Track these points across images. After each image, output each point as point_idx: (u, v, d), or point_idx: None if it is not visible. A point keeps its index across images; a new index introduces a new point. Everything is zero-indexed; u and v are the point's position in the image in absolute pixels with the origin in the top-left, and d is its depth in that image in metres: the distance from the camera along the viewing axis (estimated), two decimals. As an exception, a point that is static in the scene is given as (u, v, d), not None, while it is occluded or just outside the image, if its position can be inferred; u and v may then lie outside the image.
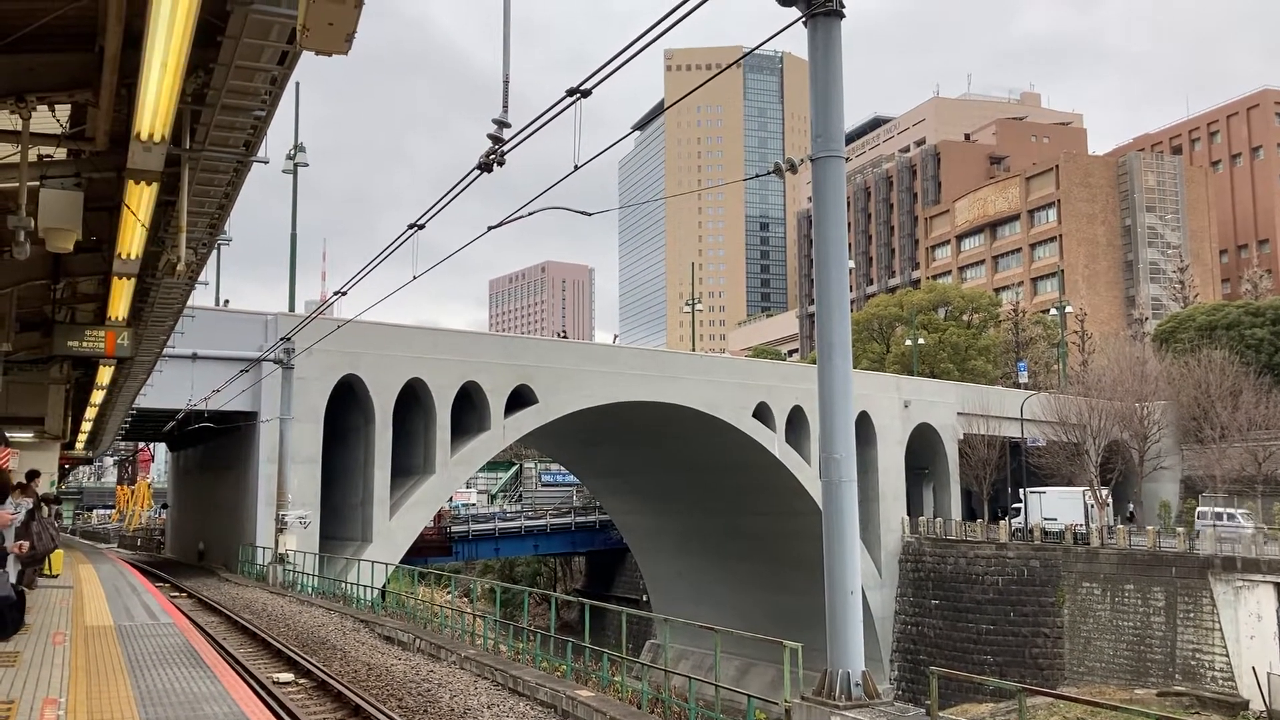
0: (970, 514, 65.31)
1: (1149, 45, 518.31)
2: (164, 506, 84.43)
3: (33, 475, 20.86)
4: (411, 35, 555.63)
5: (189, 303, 20.02)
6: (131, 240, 11.39)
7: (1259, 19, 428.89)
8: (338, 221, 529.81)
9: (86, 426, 32.56)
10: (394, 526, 41.62)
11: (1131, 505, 65.42)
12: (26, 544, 16.50)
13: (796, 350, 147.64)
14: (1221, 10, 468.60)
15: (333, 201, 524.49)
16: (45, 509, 19.55)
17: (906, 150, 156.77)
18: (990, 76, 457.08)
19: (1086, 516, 58.02)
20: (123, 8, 7.06)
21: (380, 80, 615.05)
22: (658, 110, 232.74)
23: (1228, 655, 44.69)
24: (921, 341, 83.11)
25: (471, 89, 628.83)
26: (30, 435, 27.26)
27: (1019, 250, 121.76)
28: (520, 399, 45.78)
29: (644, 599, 69.05)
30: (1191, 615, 46.61)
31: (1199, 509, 56.89)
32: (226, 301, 50.24)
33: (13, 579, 14.66)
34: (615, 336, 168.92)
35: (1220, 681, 44.70)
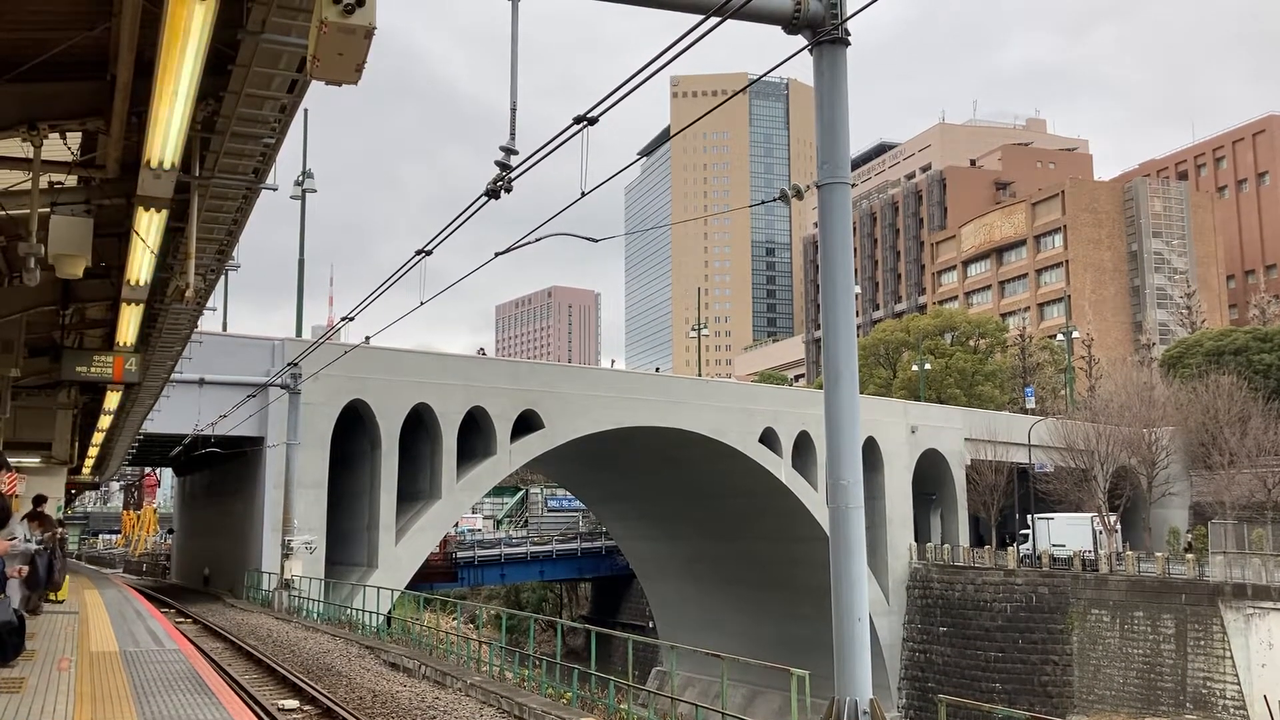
0: (978, 540, 64.98)
1: (1136, 72, 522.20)
2: (169, 532, 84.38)
3: (40, 500, 20.90)
4: (398, 64, 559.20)
5: (196, 328, 20.10)
6: (140, 266, 11.46)
7: (1244, 45, 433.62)
8: (333, 248, 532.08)
9: (93, 451, 32.65)
10: (400, 552, 41.52)
11: (1186, 536, 64.60)
12: (28, 568, 16.49)
13: (802, 375, 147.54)
14: (1207, 37, 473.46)
15: (327, 228, 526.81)
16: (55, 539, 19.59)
17: (912, 176, 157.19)
18: (987, 104, 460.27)
19: (1095, 543, 57.73)
20: (135, 37, 7.14)
21: (366, 107, 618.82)
22: (664, 137, 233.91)
23: (1239, 683, 44.32)
24: (928, 367, 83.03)
25: (458, 117, 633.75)
26: (38, 460, 27.31)
27: (1025, 276, 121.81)
28: (526, 424, 45.76)
29: (650, 625, 68.74)
30: (1202, 643, 46.28)
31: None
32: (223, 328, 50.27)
33: (15, 604, 14.64)
34: (613, 361, 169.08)
35: (1232, 710, 44.31)
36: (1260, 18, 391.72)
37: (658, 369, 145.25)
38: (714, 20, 9.18)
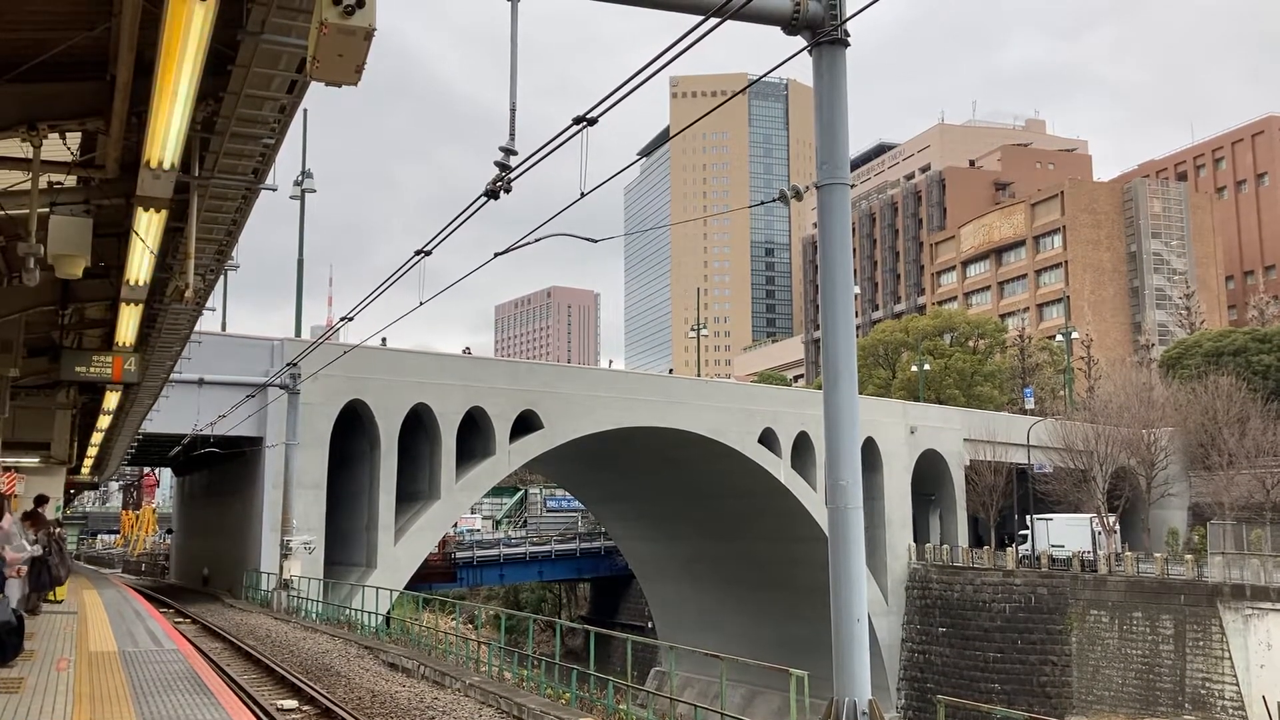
0: (977, 541, 64.99)
1: (1134, 73, 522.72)
2: (168, 531, 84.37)
3: (41, 501, 20.92)
4: (394, 64, 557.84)
5: (195, 328, 20.09)
6: (140, 267, 11.46)
7: (1242, 46, 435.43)
8: (330, 248, 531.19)
9: (92, 451, 32.64)
10: (399, 552, 41.52)
11: (1191, 536, 64.25)
12: (25, 568, 16.50)
13: (802, 376, 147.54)
14: (1205, 38, 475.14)
15: (324, 228, 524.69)
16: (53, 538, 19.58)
17: (911, 176, 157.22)
18: (986, 105, 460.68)
19: (1094, 543, 57.75)
20: (135, 37, 7.14)
21: (361, 108, 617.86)
22: (663, 137, 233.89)
23: (1238, 684, 44.34)
24: (927, 367, 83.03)
25: (454, 117, 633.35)
26: (37, 460, 27.29)
27: (1024, 276, 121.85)
28: (525, 424, 45.76)
29: (649, 625, 68.73)
30: (1201, 643, 46.29)
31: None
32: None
33: (13, 603, 14.64)
34: (610, 361, 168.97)
35: (1230, 711, 44.32)
36: (1260, 17, 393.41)
37: (670, 370, 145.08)
38: (713, 21, 9.18)
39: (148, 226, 10.02)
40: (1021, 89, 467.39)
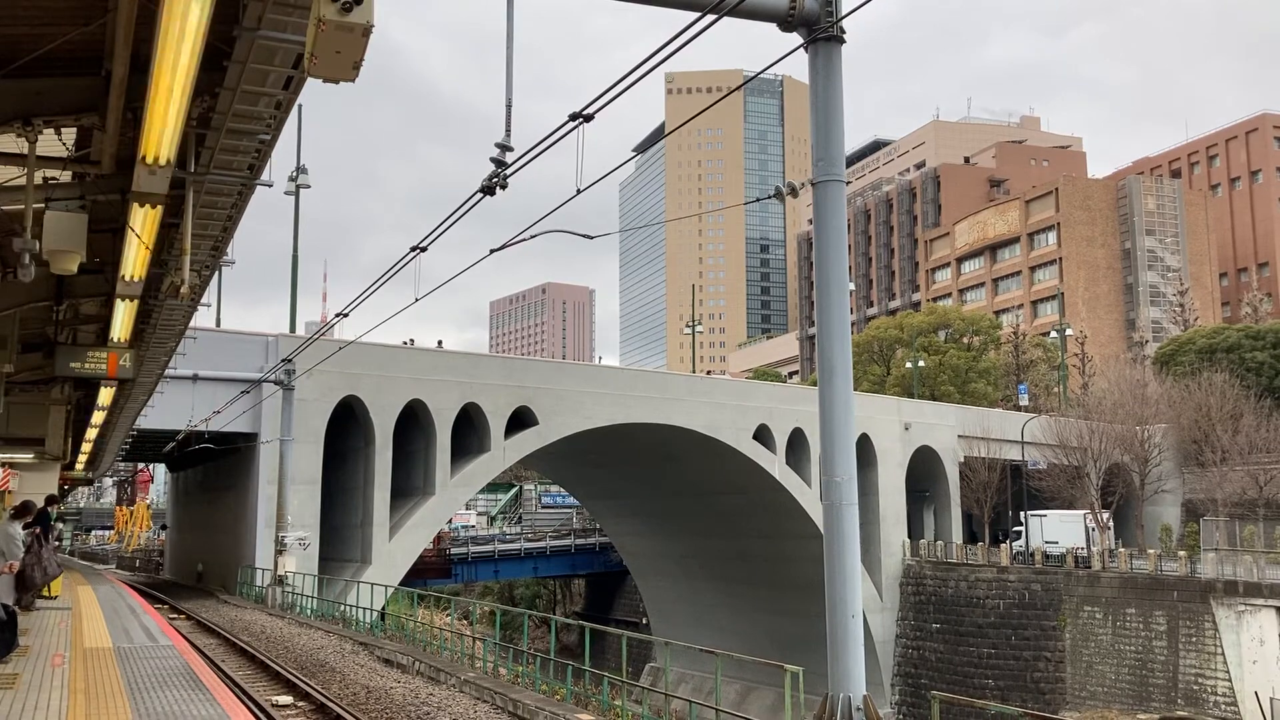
0: (971, 537, 65.11)
1: (1123, 71, 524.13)
2: (163, 528, 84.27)
3: (52, 500, 20.90)
4: (377, 60, 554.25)
5: (190, 324, 20.04)
6: (135, 262, 11.43)
7: (1227, 46, 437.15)
8: (316, 244, 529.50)
9: (87, 447, 32.54)
10: (393, 548, 41.51)
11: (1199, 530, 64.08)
12: (16, 564, 16.47)
13: (797, 372, 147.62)
14: (1185, 38, 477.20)
15: (311, 224, 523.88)
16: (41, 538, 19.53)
17: (906, 173, 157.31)
18: (980, 102, 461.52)
19: (1088, 540, 57.89)
20: (131, 33, 7.12)
21: (344, 103, 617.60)
22: (658, 133, 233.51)
23: (1230, 680, 44.52)
24: (922, 364, 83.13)
25: (437, 114, 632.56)
26: (31, 456, 27.23)
27: (1019, 273, 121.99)
28: (520, 420, 45.77)
29: (644, 622, 68.80)
30: (1193, 639, 46.46)
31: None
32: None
33: (5, 599, 14.60)
34: (600, 358, 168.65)
35: (1223, 706, 44.50)
36: (1246, 17, 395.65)
37: (709, 372, 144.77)
38: (710, 17, 9.19)
39: (143, 222, 10.01)
40: (1009, 88, 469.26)
